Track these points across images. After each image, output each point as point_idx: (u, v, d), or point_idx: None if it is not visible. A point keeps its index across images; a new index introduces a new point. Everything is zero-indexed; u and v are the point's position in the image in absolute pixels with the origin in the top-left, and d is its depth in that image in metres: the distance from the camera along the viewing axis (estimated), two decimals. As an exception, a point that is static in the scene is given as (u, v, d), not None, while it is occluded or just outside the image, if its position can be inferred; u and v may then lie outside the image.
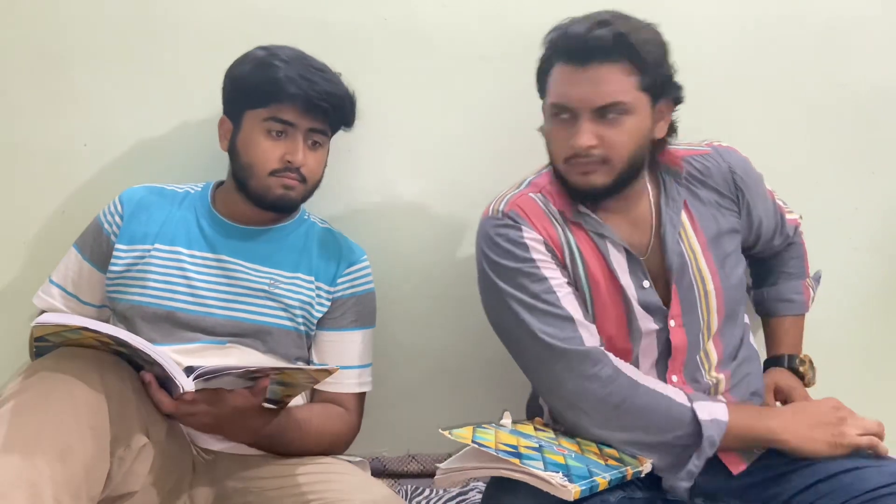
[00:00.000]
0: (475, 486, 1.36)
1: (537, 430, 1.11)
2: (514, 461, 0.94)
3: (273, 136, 1.19)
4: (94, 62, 1.39)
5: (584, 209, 1.13)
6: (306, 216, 1.32)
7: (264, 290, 1.21)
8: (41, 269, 1.32)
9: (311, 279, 1.24)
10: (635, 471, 1.02)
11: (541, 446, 1.02)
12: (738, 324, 1.21)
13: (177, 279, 1.19)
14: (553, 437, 1.08)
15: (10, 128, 1.40)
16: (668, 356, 1.13)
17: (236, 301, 1.20)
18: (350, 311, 1.27)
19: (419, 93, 1.44)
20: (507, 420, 1.10)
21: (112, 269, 1.21)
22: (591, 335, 1.09)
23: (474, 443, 0.96)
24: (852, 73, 1.49)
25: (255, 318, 1.20)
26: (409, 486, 1.39)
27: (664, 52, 1.09)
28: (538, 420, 1.18)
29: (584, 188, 1.09)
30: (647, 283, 1.13)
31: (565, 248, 1.13)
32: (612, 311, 1.12)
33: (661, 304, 1.13)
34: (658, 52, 1.07)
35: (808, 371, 1.31)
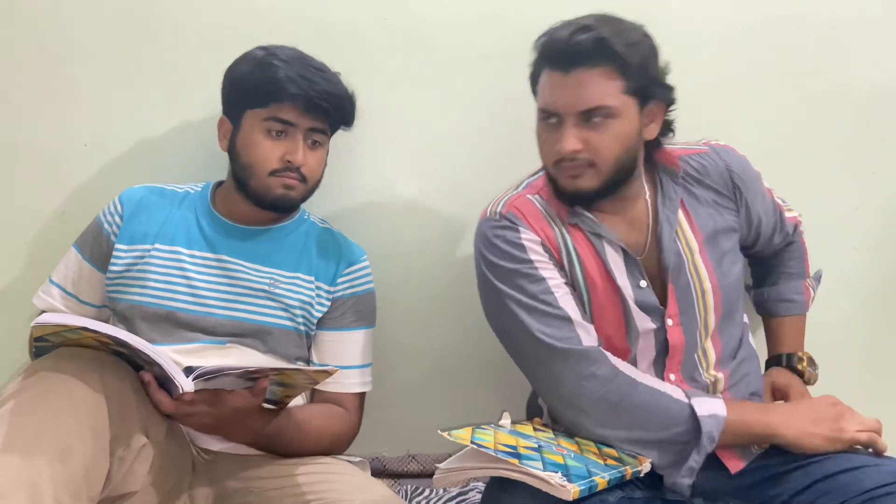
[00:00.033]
0: (475, 486, 1.36)
1: (536, 430, 1.11)
2: (513, 461, 0.94)
3: (273, 136, 1.19)
4: (94, 62, 1.40)
5: (580, 210, 1.14)
6: (306, 216, 1.32)
7: (264, 290, 1.21)
8: (41, 269, 1.32)
9: (311, 279, 1.24)
10: (634, 470, 1.02)
11: (540, 446, 1.02)
12: (736, 323, 1.21)
13: (177, 279, 1.19)
14: (552, 437, 1.08)
15: (10, 128, 1.40)
16: (665, 355, 1.13)
17: (236, 301, 1.20)
18: (350, 310, 1.27)
19: (419, 93, 1.44)
20: (507, 421, 1.10)
21: (112, 269, 1.21)
22: (588, 335, 1.09)
23: (473, 444, 0.96)
24: (852, 73, 1.49)
25: (255, 317, 1.20)
26: (409, 486, 1.39)
27: (651, 54, 1.09)
28: (537, 420, 1.18)
29: (573, 192, 1.10)
30: (643, 283, 1.13)
31: (562, 248, 1.13)
32: (609, 311, 1.13)
33: (657, 303, 1.13)
34: (644, 54, 1.06)
35: (807, 368, 1.31)
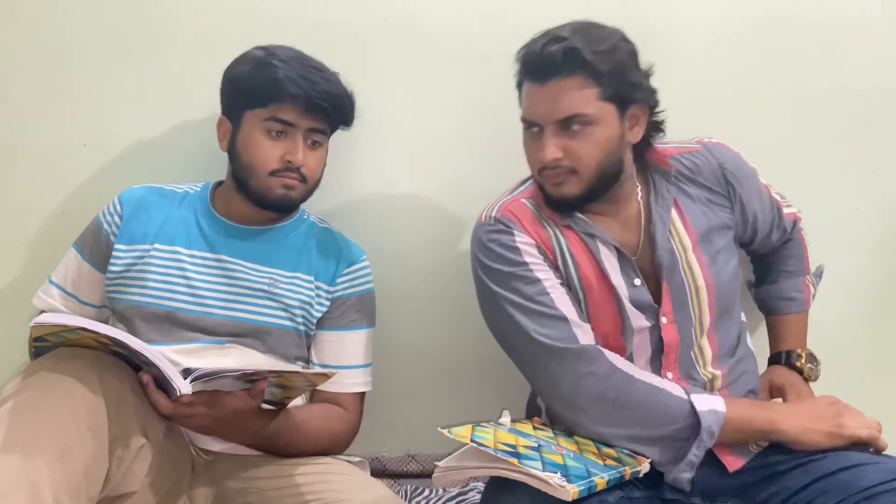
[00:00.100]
0: (475, 486, 1.36)
1: (536, 429, 1.11)
2: (513, 461, 0.93)
3: (273, 136, 1.19)
4: (94, 62, 1.40)
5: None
6: (306, 216, 1.32)
7: (264, 290, 1.21)
8: (41, 269, 1.32)
9: (311, 279, 1.24)
10: (633, 471, 1.02)
11: (539, 446, 1.01)
12: (733, 320, 1.21)
13: (176, 279, 1.19)
14: (551, 436, 1.08)
15: (10, 128, 1.40)
16: (661, 353, 1.14)
17: (236, 301, 1.20)
18: (350, 310, 1.26)
19: (419, 92, 1.44)
20: (506, 419, 1.10)
21: (111, 269, 1.21)
22: (585, 334, 1.10)
23: (473, 441, 0.96)
24: (852, 73, 1.49)
25: (254, 317, 1.20)
26: (408, 486, 1.39)
27: (628, 59, 1.09)
28: (536, 419, 1.18)
29: (558, 198, 1.13)
30: (638, 281, 1.14)
31: (557, 250, 1.14)
32: (605, 309, 1.13)
33: (651, 301, 1.14)
34: (619, 60, 1.07)
35: (807, 365, 1.31)
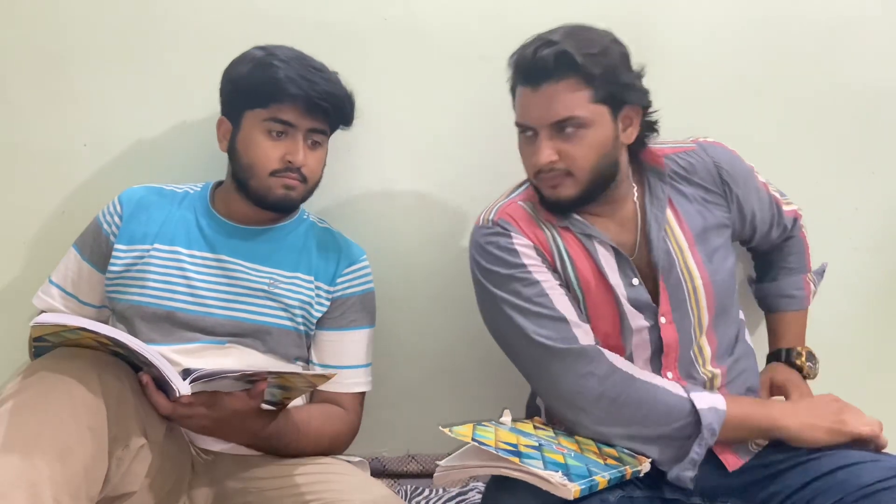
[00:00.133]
0: (475, 487, 1.36)
1: (537, 428, 1.11)
2: (514, 460, 0.93)
3: (274, 137, 1.19)
4: (94, 62, 1.39)
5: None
6: (305, 216, 1.32)
7: (264, 290, 1.21)
8: (41, 269, 1.32)
9: (311, 279, 1.24)
10: (634, 470, 1.02)
11: (540, 445, 1.01)
12: (731, 319, 1.21)
13: (176, 279, 1.19)
14: (552, 435, 1.08)
15: (10, 128, 1.40)
16: (661, 353, 1.14)
17: (236, 301, 1.20)
18: (350, 310, 1.26)
19: (419, 92, 1.44)
20: (507, 418, 1.10)
21: (111, 269, 1.21)
22: (585, 334, 1.10)
23: (474, 440, 0.96)
24: (852, 73, 1.49)
25: (254, 317, 1.20)
26: (408, 487, 1.39)
27: (620, 61, 1.10)
28: (537, 419, 1.18)
29: (554, 201, 1.13)
30: (636, 281, 1.14)
31: (555, 251, 1.15)
32: (603, 309, 1.13)
33: (650, 300, 1.14)
34: (610, 62, 1.07)
35: (806, 363, 1.31)
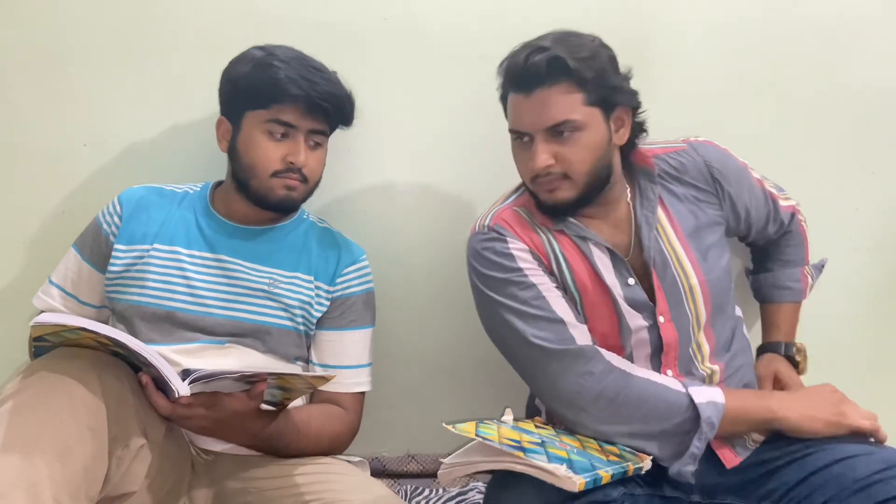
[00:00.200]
0: (475, 486, 1.36)
1: (538, 427, 1.11)
2: (519, 454, 0.94)
3: (275, 138, 1.19)
4: (94, 62, 1.40)
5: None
6: (305, 216, 1.32)
7: (264, 290, 1.21)
8: (41, 269, 1.32)
9: (311, 279, 1.24)
10: (636, 467, 1.02)
11: (543, 441, 1.02)
12: (728, 315, 1.21)
13: (176, 279, 1.19)
14: (553, 434, 1.08)
15: (10, 128, 1.40)
16: (661, 351, 1.14)
17: (236, 301, 1.20)
18: (349, 310, 1.26)
19: (419, 92, 1.44)
20: (509, 416, 1.10)
21: (111, 269, 1.21)
22: (582, 334, 1.10)
23: (478, 436, 0.96)
24: (852, 73, 1.49)
25: (254, 317, 1.20)
26: (408, 486, 1.39)
27: (609, 64, 1.11)
28: (538, 419, 1.18)
29: (552, 204, 1.14)
30: (632, 281, 1.14)
31: (550, 254, 1.15)
32: (601, 310, 1.14)
33: (646, 299, 1.14)
34: (600, 66, 1.09)
35: (803, 360, 1.33)
